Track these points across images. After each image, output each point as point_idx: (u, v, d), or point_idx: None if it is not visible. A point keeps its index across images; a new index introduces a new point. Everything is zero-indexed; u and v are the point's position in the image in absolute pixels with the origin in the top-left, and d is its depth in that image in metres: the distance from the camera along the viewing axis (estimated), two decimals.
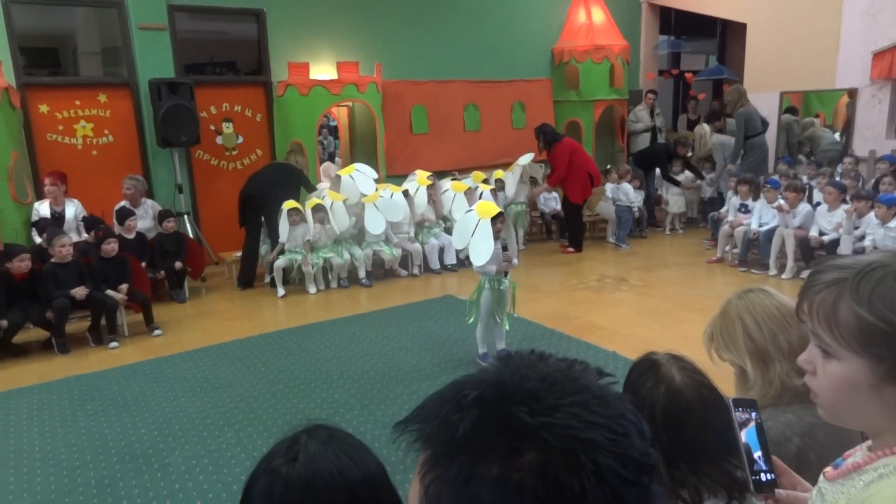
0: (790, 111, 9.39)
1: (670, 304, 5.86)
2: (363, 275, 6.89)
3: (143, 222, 6.62)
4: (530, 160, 8.13)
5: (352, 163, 8.50)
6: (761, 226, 6.92)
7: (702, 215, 9.16)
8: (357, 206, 6.97)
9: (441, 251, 7.39)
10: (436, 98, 8.87)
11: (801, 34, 8.80)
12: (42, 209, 6.22)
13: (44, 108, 6.86)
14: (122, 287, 5.47)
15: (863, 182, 7.00)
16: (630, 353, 4.60)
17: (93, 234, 5.88)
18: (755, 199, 7.21)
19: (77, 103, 7.02)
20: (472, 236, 4.45)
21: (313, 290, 6.68)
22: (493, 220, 4.40)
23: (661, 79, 11.52)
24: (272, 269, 6.67)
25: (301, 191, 7.05)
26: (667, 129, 10.71)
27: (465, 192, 7.41)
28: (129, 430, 3.85)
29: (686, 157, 8.80)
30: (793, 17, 8.88)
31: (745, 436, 1.01)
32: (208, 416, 3.99)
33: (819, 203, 6.77)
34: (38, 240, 5.91)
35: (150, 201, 6.88)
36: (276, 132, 7.92)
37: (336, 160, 9.64)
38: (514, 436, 0.51)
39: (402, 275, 7.21)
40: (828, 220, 6.49)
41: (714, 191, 8.93)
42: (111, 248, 5.59)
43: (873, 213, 6.01)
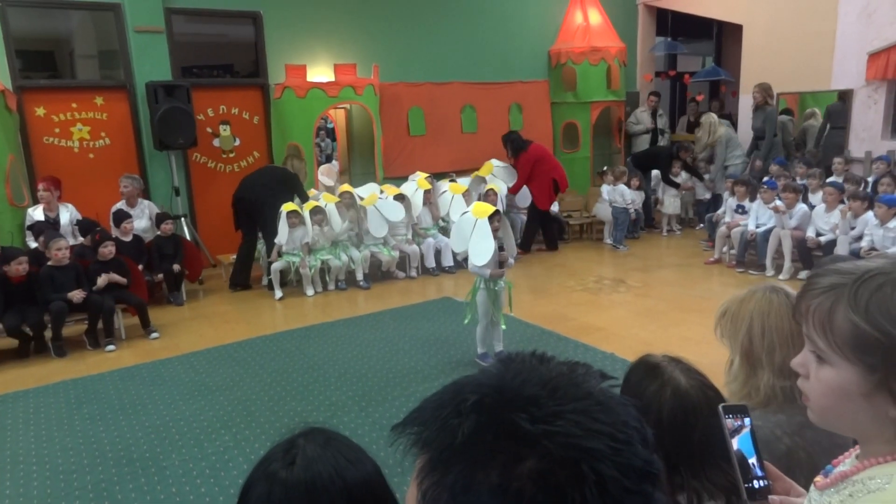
0: (785, 112, 9.43)
1: (668, 306, 5.86)
2: (361, 277, 6.88)
3: (140, 222, 6.61)
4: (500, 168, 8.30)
5: (349, 164, 8.47)
6: (758, 227, 6.93)
7: (697, 216, 9.18)
8: (355, 210, 6.96)
9: (438, 253, 7.39)
10: (433, 100, 8.87)
11: (796, 35, 8.82)
12: (36, 215, 6.18)
13: (40, 111, 6.85)
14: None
15: (864, 184, 7.00)
16: (628, 355, 4.60)
17: (89, 237, 5.86)
18: (752, 199, 7.23)
19: (74, 106, 7.00)
20: (470, 237, 4.45)
21: (311, 292, 6.67)
22: (490, 218, 4.41)
23: (658, 80, 11.54)
24: (270, 271, 6.66)
25: (295, 197, 6.88)
26: (668, 132, 10.71)
27: (464, 194, 7.41)
28: (125, 434, 3.83)
29: (686, 161, 8.89)
30: (789, 18, 8.90)
31: (738, 443, 1.00)
32: (205, 419, 3.98)
33: (814, 205, 6.79)
34: (32, 244, 5.88)
35: (146, 201, 6.86)
36: (273, 135, 7.91)
37: (333, 162, 9.63)
38: (515, 443, 0.50)
39: (400, 277, 7.21)
40: (825, 220, 6.50)
41: (711, 192, 8.94)
42: (108, 251, 5.58)
43: (871, 213, 6.02)
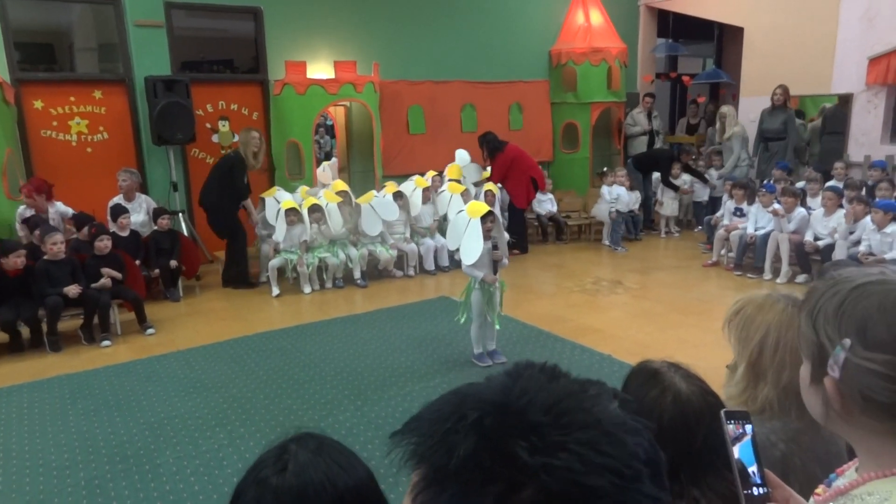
0: (797, 115, 9.40)
1: (665, 308, 5.86)
2: (358, 275, 6.87)
3: (137, 216, 6.58)
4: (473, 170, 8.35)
5: (348, 161, 8.43)
6: (757, 230, 6.93)
7: (696, 218, 9.18)
8: (352, 208, 6.95)
9: (436, 252, 7.37)
10: (433, 98, 8.85)
11: (797, 38, 8.82)
12: (27, 213, 6.14)
13: (38, 104, 6.82)
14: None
15: (865, 189, 6.99)
16: (625, 356, 4.59)
17: (85, 230, 5.83)
18: (750, 203, 7.22)
19: (72, 99, 6.97)
20: (463, 235, 4.45)
21: (308, 290, 6.65)
22: (483, 218, 4.40)
23: (659, 82, 11.53)
24: (261, 264, 6.57)
25: (246, 184, 6.70)
26: (664, 133, 10.71)
27: (462, 194, 7.40)
28: (120, 430, 3.82)
29: (687, 163, 8.90)
30: (790, 21, 8.90)
31: (739, 450, 0.99)
32: (200, 416, 3.97)
33: (812, 209, 6.79)
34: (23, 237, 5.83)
35: (144, 196, 6.84)
36: (272, 131, 7.89)
37: (332, 159, 9.60)
38: (512, 472, 0.48)
39: (398, 275, 7.19)
40: (823, 224, 6.50)
41: (711, 193, 8.94)
42: (104, 245, 5.55)
43: (869, 218, 6.03)
